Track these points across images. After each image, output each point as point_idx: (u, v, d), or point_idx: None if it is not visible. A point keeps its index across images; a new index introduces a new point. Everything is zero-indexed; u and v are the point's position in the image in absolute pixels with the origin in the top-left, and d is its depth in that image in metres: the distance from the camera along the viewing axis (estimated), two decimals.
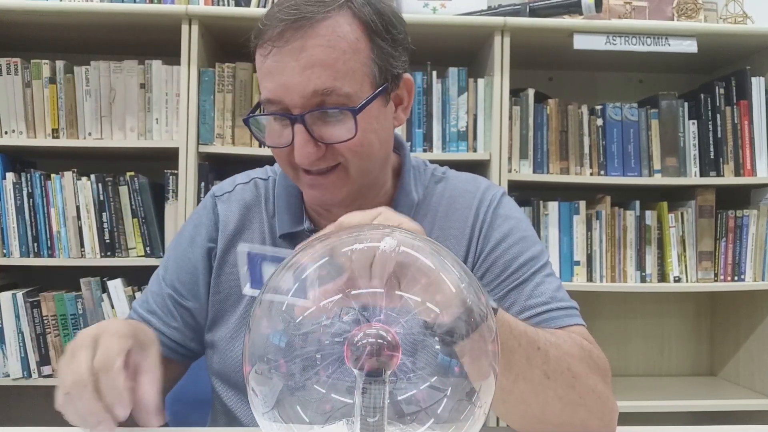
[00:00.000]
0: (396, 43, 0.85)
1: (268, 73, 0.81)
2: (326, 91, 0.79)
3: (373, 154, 0.85)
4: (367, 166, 0.86)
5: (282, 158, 0.86)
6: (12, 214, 1.81)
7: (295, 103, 0.80)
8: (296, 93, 0.79)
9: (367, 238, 0.57)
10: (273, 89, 0.81)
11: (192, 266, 0.96)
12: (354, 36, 0.81)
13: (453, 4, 1.92)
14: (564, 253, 1.92)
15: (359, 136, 0.81)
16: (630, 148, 1.94)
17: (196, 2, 1.89)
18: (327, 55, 0.79)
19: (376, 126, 0.84)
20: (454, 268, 0.57)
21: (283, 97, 0.80)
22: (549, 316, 0.85)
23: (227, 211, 0.97)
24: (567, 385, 0.74)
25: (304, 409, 0.54)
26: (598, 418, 0.77)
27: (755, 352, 2.04)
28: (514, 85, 1.88)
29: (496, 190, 0.97)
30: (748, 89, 1.95)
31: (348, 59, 0.80)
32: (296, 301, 0.55)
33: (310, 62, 0.78)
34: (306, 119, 0.80)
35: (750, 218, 1.95)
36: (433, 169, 1.00)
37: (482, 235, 0.92)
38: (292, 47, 0.79)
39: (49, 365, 1.83)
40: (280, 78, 0.80)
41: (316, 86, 0.78)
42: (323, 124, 0.81)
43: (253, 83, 1.85)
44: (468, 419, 0.54)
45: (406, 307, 0.54)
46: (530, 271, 0.88)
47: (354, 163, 0.83)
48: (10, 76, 1.82)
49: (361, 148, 0.82)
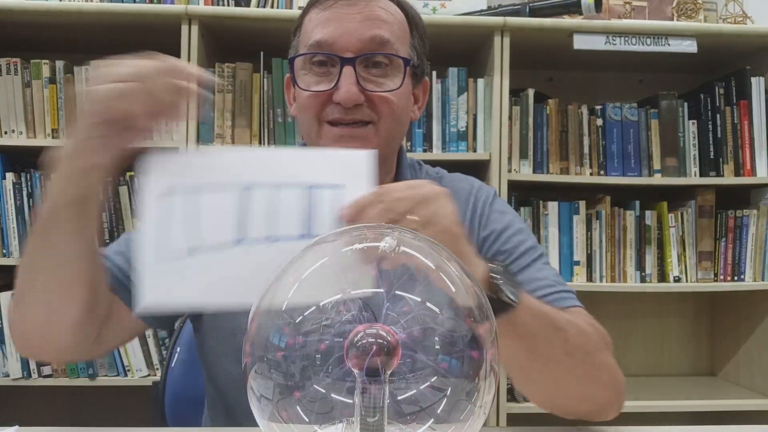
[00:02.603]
0: (424, 45, 0.94)
1: (326, 20, 0.86)
2: (384, 41, 0.85)
3: (401, 122, 0.90)
4: (395, 132, 0.90)
5: (312, 108, 0.87)
6: (12, 214, 1.81)
7: (350, 46, 0.84)
8: (355, 36, 0.84)
9: (367, 237, 0.57)
10: (330, 32, 0.85)
11: None
12: (403, 19, 0.91)
13: (453, 4, 1.92)
14: (564, 253, 1.92)
15: (399, 94, 0.86)
16: (630, 148, 1.94)
17: (196, 2, 1.89)
18: (387, 16, 0.88)
19: (408, 99, 0.91)
20: (455, 267, 0.57)
21: (339, 39, 0.84)
22: (556, 297, 0.87)
23: None
24: (583, 362, 0.78)
25: (304, 409, 0.54)
26: (608, 389, 0.81)
27: (755, 352, 2.04)
28: (514, 85, 1.88)
29: (489, 188, 1.01)
30: (748, 89, 1.95)
31: (401, 29, 0.89)
32: (296, 300, 0.55)
33: (372, 15, 0.86)
34: (356, 64, 0.84)
35: (750, 218, 1.95)
36: (427, 168, 1.03)
37: (482, 227, 0.94)
38: (357, 2, 0.86)
39: (49, 365, 1.83)
40: (339, 24, 0.85)
41: (375, 33, 0.85)
42: (370, 74, 0.86)
43: (253, 83, 1.85)
44: (468, 419, 0.54)
45: (406, 306, 0.54)
46: (531, 258, 0.91)
47: (386, 123, 0.87)
48: (10, 76, 1.82)
49: (397, 108, 0.87)
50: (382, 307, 0.53)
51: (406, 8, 0.92)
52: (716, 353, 2.24)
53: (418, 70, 0.93)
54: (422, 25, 0.95)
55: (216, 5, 1.89)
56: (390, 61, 0.87)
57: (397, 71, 0.87)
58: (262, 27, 1.82)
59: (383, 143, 0.87)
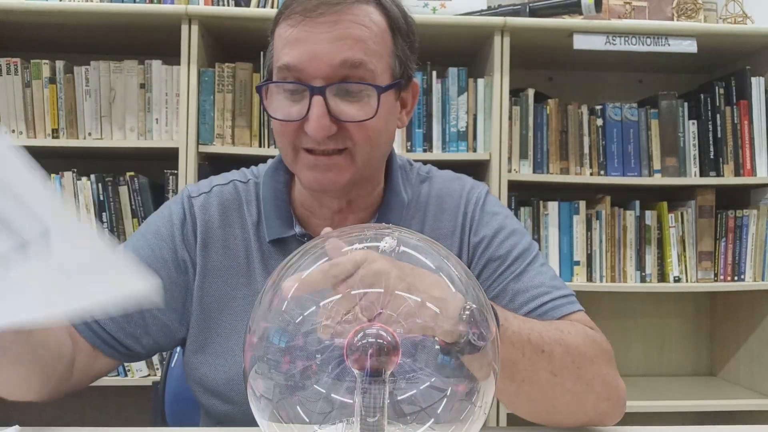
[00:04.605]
0: (412, 46, 0.88)
1: (294, 40, 0.79)
2: (355, 64, 0.79)
3: (380, 144, 0.85)
4: (373, 156, 0.85)
5: (286, 134, 0.83)
6: None
7: (319, 72, 0.78)
8: (324, 62, 0.78)
9: (367, 238, 0.57)
10: (298, 56, 0.79)
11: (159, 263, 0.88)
12: (382, 26, 0.83)
13: (453, 4, 1.92)
14: (564, 253, 1.92)
15: (376, 116, 0.81)
16: (630, 148, 1.94)
17: (196, 2, 1.89)
18: (360, 31, 0.80)
19: (387, 118, 0.85)
20: (454, 267, 0.57)
21: (308, 65, 0.79)
22: (552, 305, 0.86)
23: (205, 214, 0.91)
24: (574, 378, 0.76)
25: (304, 409, 0.54)
26: (606, 400, 0.79)
27: (755, 352, 2.04)
28: (514, 85, 1.88)
29: (481, 188, 0.98)
30: (748, 89, 1.95)
31: (377, 42, 0.82)
32: (296, 300, 0.55)
33: (343, 35, 0.79)
34: (327, 93, 0.79)
35: (750, 218, 1.95)
36: (418, 168, 1.00)
37: (472, 233, 0.92)
38: (326, 19, 0.79)
39: None
40: (307, 46, 0.79)
41: (346, 57, 0.78)
42: (342, 102, 0.80)
43: (253, 83, 1.85)
44: (468, 419, 0.54)
45: (406, 306, 0.54)
46: (525, 262, 0.89)
47: (362, 149, 0.82)
48: (10, 76, 1.82)
49: (373, 133, 0.82)
50: (382, 307, 0.53)
51: (387, 9, 0.84)
52: (716, 353, 2.24)
53: (403, 78, 0.87)
54: (408, 22, 0.88)
55: (216, 5, 1.89)
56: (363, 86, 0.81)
57: (371, 95, 0.81)
58: (262, 27, 1.80)
59: (360, 168, 0.84)
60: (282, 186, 0.93)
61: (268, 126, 1.85)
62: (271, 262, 0.89)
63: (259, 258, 0.90)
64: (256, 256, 0.90)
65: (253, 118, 1.85)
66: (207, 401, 0.91)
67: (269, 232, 0.90)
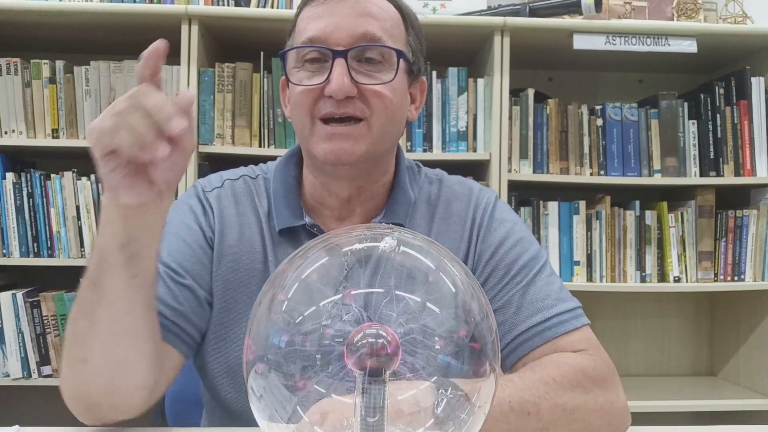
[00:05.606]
0: (421, 44, 0.94)
1: (318, 16, 0.85)
2: (375, 38, 0.84)
3: (395, 119, 0.88)
4: (387, 130, 0.87)
5: (304, 104, 0.85)
6: (12, 214, 1.81)
7: (341, 41, 0.83)
8: (346, 32, 0.83)
9: (367, 237, 0.57)
10: (322, 28, 0.84)
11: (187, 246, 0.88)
12: (397, 16, 0.89)
13: (453, 4, 1.92)
14: (564, 253, 1.92)
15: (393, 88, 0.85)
16: (630, 148, 1.94)
17: (196, 2, 1.89)
18: (379, 13, 0.86)
19: (402, 95, 0.89)
20: (454, 267, 0.57)
21: (331, 35, 0.83)
22: (557, 320, 0.85)
23: (220, 204, 0.92)
24: (568, 423, 0.76)
25: (304, 409, 0.54)
26: (607, 425, 0.80)
27: (755, 352, 2.04)
28: (514, 85, 1.88)
29: (489, 193, 0.98)
30: (747, 89, 1.95)
31: (394, 26, 0.88)
32: (296, 300, 0.55)
33: (365, 11, 0.85)
34: (348, 57, 0.83)
35: (750, 218, 1.95)
36: (426, 171, 1.00)
37: (480, 239, 0.92)
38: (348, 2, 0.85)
39: (49, 365, 1.83)
40: (331, 19, 0.84)
41: (367, 30, 0.84)
42: (363, 68, 0.84)
43: (253, 83, 1.85)
44: (468, 419, 0.54)
45: (406, 306, 0.54)
46: (532, 272, 0.89)
47: (378, 119, 0.85)
48: (10, 76, 1.82)
49: (390, 104, 0.85)
50: (382, 308, 0.53)
51: (402, 7, 0.91)
52: (716, 353, 2.24)
53: (414, 68, 0.91)
54: (418, 25, 0.94)
55: (216, 5, 1.89)
56: (383, 56, 0.85)
57: (390, 66, 0.85)
58: (262, 27, 1.82)
59: (376, 140, 0.85)
60: (292, 179, 0.94)
61: (268, 126, 1.85)
62: (280, 251, 0.90)
63: (270, 247, 0.91)
64: (269, 244, 0.91)
65: (253, 118, 1.85)
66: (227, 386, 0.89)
67: (279, 221, 0.91)
